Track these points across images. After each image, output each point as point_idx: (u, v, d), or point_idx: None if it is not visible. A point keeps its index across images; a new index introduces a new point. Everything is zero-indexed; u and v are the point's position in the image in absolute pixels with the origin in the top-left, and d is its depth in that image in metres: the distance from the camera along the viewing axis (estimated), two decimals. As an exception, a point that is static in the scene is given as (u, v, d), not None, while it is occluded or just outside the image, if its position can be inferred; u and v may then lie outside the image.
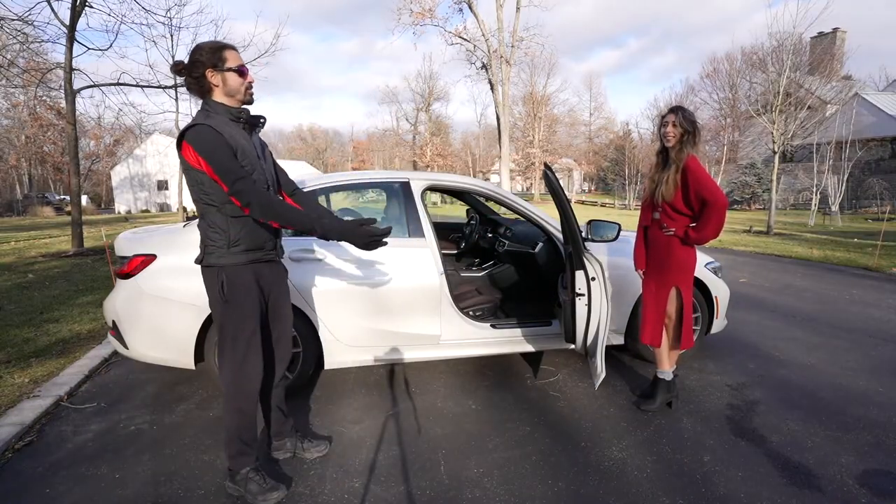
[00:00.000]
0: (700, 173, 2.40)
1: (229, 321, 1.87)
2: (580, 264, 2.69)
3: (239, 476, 1.94)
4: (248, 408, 1.94)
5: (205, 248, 1.87)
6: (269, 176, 1.97)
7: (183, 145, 1.74)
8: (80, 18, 8.35)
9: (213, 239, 1.83)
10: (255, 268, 1.91)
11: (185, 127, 1.76)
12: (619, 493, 1.98)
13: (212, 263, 1.84)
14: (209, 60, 1.77)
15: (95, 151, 31.39)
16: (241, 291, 1.86)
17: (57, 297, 5.28)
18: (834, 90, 22.51)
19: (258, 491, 1.92)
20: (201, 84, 1.79)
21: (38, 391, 2.87)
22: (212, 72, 1.78)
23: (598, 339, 2.70)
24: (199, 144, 1.71)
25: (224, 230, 1.82)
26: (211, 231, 1.83)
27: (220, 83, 1.80)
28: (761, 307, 4.95)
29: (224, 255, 1.84)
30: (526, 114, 38.79)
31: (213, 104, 1.82)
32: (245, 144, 1.81)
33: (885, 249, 8.38)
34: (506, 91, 19.01)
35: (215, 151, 1.71)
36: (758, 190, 24.24)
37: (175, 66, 1.80)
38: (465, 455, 2.27)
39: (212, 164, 1.71)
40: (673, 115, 2.47)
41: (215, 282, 1.85)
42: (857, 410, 2.69)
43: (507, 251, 3.90)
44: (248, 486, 1.92)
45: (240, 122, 1.85)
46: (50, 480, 2.09)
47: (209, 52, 1.77)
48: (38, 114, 27.52)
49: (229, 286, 1.84)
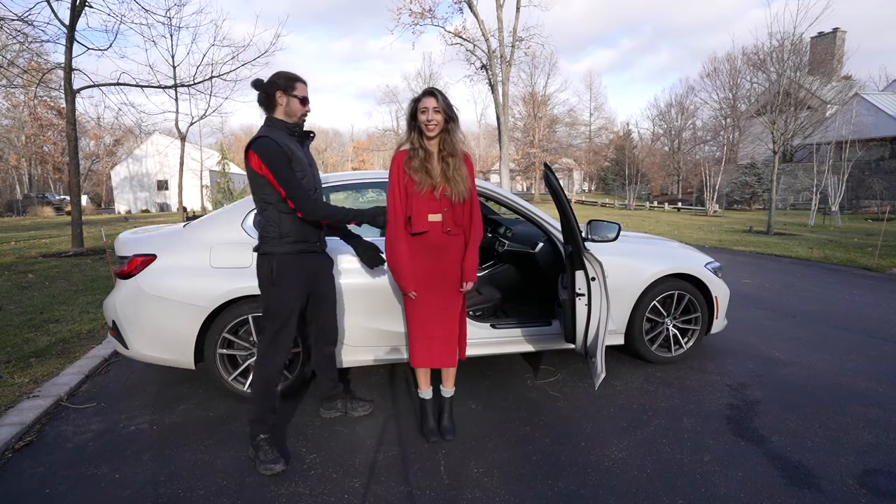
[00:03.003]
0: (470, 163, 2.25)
1: (273, 301, 2.20)
2: (580, 264, 2.69)
3: (254, 441, 2.20)
4: (273, 379, 2.23)
5: (261, 238, 2.22)
6: (317, 181, 2.32)
7: (249, 154, 2.09)
8: (79, 18, 8.35)
9: (268, 231, 2.18)
10: (302, 257, 2.24)
11: (253, 138, 2.12)
12: (619, 493, 1.98)
13: (266, 251, 2.19)
14: (283, 85, 2.16)
15: (95, 151, 31.43)
16: (287, 278, 2.19)
17: (57, 297, 5.28)
18: (834, 90, 22.52)
19: (263, 459, 2.14)
20: (270, 101, 2.17)
21: (38, 391, 2.88)
22: (281, 94, 2.16)
23: (598, 339, 2.70)
24: (263, 154, 2.07)
25: (277, 224, 2.17)
26: (267, 224, 2.18)
27: (285, 104, 2.18)
28: (761, 307, 4.95)
29: (277, 245, 2.18)
30: (526, 114, 38.78)
31: (275, 120, 2.19)
32: (298, 154, 2.18)
33: (885, 249, 8.38)
34: (506, 91, 19.01)
35: (276, 161, 2.08)
36: (758, 190, 24.23)
37: (254, 83, 2.18)
38: (465, 455, 2.27)
39: (272, 172, 2.08)
40: (434, 98, 2.13)
41: (268, 267, 2.17)
42: (857, 410, 2.69)
43: (507, 251, 3.90)
44: (258, 453, 2.17)
45: (294, 135, 2.23)
46: (50, 481, 2.09)
47: (285, 79, 2.17)
48: (38, 114, 27.54)
49: (277, 272, 2.17)
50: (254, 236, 2.81)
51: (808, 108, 14.55)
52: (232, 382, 2.76)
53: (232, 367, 2.78)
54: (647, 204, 29.65)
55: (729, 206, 25.49)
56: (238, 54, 11.52)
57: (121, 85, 9.54)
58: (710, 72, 35.53)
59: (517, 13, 18.50)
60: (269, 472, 2.12)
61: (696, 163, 35.43)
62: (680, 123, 39.93)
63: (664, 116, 41.21)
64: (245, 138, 64.27)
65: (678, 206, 27.47)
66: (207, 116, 14.89)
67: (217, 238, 2.78)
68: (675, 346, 3.38)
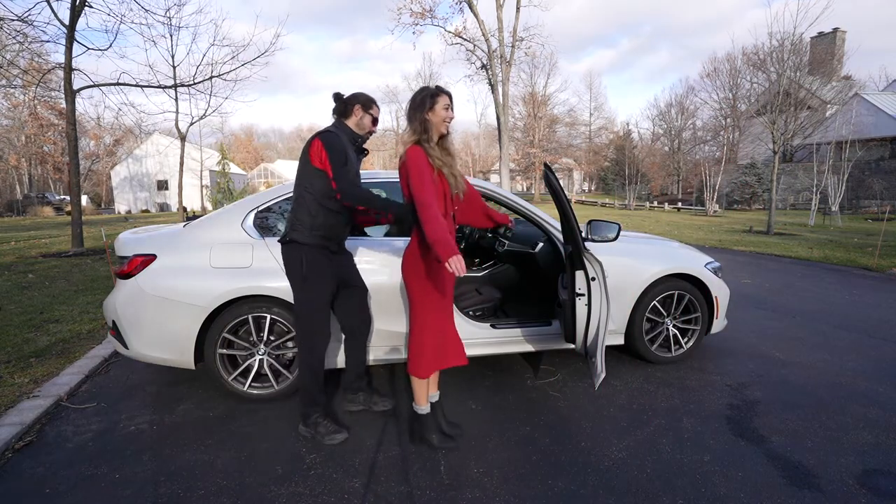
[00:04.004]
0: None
1: (306, 295, 2.34)
2: (580, 264, 2.69)
3: (310, 420, 2.39)
4: (317, 367, 2.40)
5: (291, 226, 2.33)
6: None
7: (314, 142, 2.27)
8: (79, 18, 8.35)
9: (300, 219, 2.31)
10: (326, 253, 2.37)
11: (321, 131, 2.32)
12: (619, 493, 1.98)
13: (295, 239, 2.30)
14: (364, 101, 2.42)
15: (95, 151, 31.45)
16: (318, 270, 2.33)
17: (57, 297, 5.28)
18: (834, 90, 22.53)
19: (325, 432, 2.38)
20: (347, 110, 2.41)
21: (38, 391, 2.87)
22: (360, 108, 2.41)
23: (598, 339, 2.70)
24: (327, 142, 2.25)
25: (312, 215, 2.31)
26: (302, 213, 2.31)
27: (359, 118, 2.42)
28: (761, 307, 4.95)
29: (306, 236, 2.30)
30: (526, 114, 38.78)
31: (345, 126, 2.41)
32: (353, 159, 2.38)
33: (885, 249, 8.38)
34: (506, 91, 19.00)
35: (336, 154, 2.26)
36: (758, 190, 24.23)
37: (336, 94, 2.43)
38: (465, 455, 2.27)
39: (331, 161, 2.24)
40: (449, 97, 2.14)
41: (297, 260, 2.30)
42: (857, 410, 2.69)
43: (507, 251, 3.90)
44: (318, 429, 2.39)
45: (354, 144, 2.44)
46: (50, 481, 2.09)
47: (367, 97, 2.43)
48: (38, 114, 27.55)
49: (308, 265, 2.30)
50: (254, 236, 2.81)
51: (808, 108, 14.55)
52: (232, 382, 2.76)
53: (232, 367, 2.78)
54: (647, 204, 29.65)
55: (729, 206, 25.49)
56: (238, 54, 11.53)
57: (121, 85, 9.54)
58: (710, 72, 35.57)
59: (517, 13, 18.49)
60: (335, 441, 2.36)
61: (696, 163, 35.45)
62: (680, 123, 39.95)
63: (664, 116, 41.24)
64: (245, 138, 64.30)
65: (678, 206, 27.48)
66: (207, 116, 14.90)
67: (217, 238, 2.78)
68: (675, 346, 3.38)
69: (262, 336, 2.78)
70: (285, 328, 2.80)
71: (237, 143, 61.86)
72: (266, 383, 2.80)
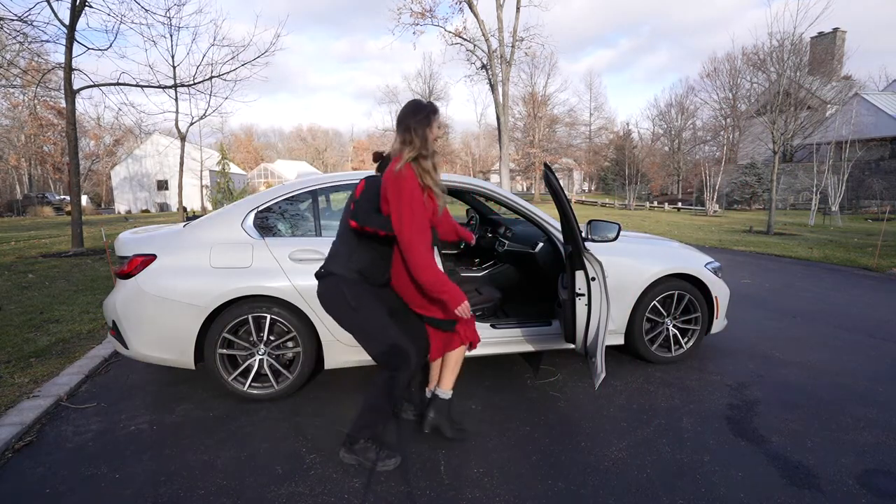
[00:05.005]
0: None
1: (365, 324, 2.09)
2: (580, 264, 2.68)
3: (357, 446, 2.15)
4: (397, 394, 2.12)
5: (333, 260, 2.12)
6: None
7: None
8: (79, 18, 8.35)
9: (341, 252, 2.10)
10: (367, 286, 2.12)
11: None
12: (619, 493, 1.98)
13: (333, 272, 2.08)
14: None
15: (95, 151, 31.45)
16: (364, 296, 2.08)
17: (57, 297, 5.28)
18: (834, 90, 22.53)
19: (377, 458, 2.15)
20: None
21: (38, 391, 2.87)
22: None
23: (598, 339, 2.70)
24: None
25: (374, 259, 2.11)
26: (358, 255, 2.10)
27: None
28: (761, 307, 4.95)
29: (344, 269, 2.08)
30: (526, 114, 38.78)
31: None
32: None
33: (885, 249, 8.38)
34: (506, 91, 19.01)
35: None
36: (758, 190, 24.24)
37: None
38: (465, 455, 2.27)
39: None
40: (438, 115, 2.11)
41: (338, 294, 2.08)
42: (857, 410, 2.69)
43: (507, 251, 3.90)
44: (367, 454, 2.15)
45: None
46: (50, 481, 2.09)
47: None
48: (37, 114, 27.55)
49: (353, 295, 2.06)
50: (254, 236, 2.81)
51: (808, 108, 14.56)
52: (232, 382, 2.76)
53: (232, 367, 2.78)
54: (647, 204, 29.65)
55: (729, 206, 25.49)
56: (238, 54, 11.51)
57: (121, 85, 9.54)
58: (710, 72, 35.59)
59: (517, 13, 18.50)
60: (388, 467, 2.15)
61: (696, 163, 35.45)
62: (680, 123, 39.94)
63: (664, 116, 41.25)
64: (245, 138, 64.30)
65: (678, 206, 27.48)
66: (207, 116, 14.87)
67: (217, 238, 2.78)
68: (675, 346, 3.38)
69: (262, 336, 2.78)
70: (285, 328, 2.80)
71: (237, 143, 61.88)
72: (266, 383, 2.80)
